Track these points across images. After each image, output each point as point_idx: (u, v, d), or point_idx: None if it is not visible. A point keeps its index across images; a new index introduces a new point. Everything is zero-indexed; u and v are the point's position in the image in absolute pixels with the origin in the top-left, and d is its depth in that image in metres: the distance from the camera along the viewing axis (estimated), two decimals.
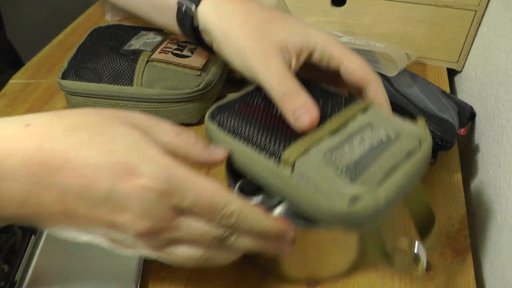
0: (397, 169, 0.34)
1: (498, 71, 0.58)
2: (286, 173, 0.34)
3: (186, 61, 0.58)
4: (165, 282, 0.45)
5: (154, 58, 0.58)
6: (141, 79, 0.57)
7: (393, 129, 0.38)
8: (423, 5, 0.68)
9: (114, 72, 0.58)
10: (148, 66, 0.57)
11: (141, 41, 0.62)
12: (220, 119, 0.39)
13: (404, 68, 0.61)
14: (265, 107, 0.40)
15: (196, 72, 0.57)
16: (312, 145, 0.35)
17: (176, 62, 0.57)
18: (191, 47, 0.61)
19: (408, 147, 0.36)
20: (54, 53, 0.73)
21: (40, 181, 0.29)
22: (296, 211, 0.38)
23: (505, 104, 0.53)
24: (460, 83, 0.74)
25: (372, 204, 0.32)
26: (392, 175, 0.34)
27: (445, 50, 0.72)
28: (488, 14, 0.65)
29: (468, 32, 0.69)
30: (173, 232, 0.32)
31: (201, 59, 0.59)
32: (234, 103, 0.41)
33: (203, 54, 0.60)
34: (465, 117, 0.57)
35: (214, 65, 0.60)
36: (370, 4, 0.70)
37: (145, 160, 0.30)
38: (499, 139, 0.53)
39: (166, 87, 0.57)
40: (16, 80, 0.68)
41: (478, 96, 0.63)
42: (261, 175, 0.37)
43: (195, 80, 0.58)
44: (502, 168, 0.51)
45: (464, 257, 0.47)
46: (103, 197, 0.29)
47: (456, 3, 0.66)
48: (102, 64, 0.59)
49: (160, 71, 0.57)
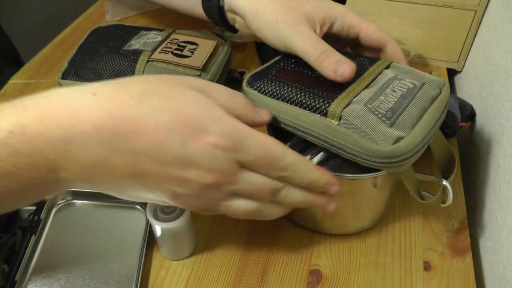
0: (425, 112, 0.41)
1: (498, 71, 0.58)
2: (334, 123, 0.40)
3: (186, 61, 0.58)
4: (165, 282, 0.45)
5: (154, 58, 0.57)
6: None
7: (417, 79, 0.44)
8: (423, 5, 0.68)
9: (114, 72, 0.58)
10: (148, 66, 0.57)
11: (141, 41, 0.62)
12: (260, 85, 0.44)
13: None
14: (298, 71, 0.46)
15: (196, 72, 0.57)
16: (352, 98, 0.41)
17: (176, 62, 0.57)
18: (191, 47, 0.61)
19: (431, 94, 0.43)
20: (54, 53, 0.73)
21: (113, 146, 0.31)
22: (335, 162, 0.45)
23: (505, 104, 0.53)
24: (460, 83, 0.74)
25: (411, 143, 0.38)
26: (422, 117, 0.41)
27: (445, 50, 0.72)
28: (488, 14, 0.65)
29: (468, 32, 0.69)
30: (234, 185, 0.35)
31: (201, 59, 0.59)
32: (268, 70, 0.46)
33: (203, 54, 0.60)
34: (466, 114, 0.57)
35: (214, 65, 0.60)
36: (370, 4, 0.70)
37: (213, 121, 0.33)
38: (499, 139, 0.53)
39: None
40: (16, 80, 0.68)
41: (478, 96, 0.63)
42: (310, 129, 0.42)
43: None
44: (502, 168, 0.51)
45: (464, 257, 0.47)
46: (175, 156, 0.32)
47: (456, 3, 0.66)
48: (102, 64, 0.58)
49: (160, 71, 0.57)
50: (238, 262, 0.47)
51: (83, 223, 0.49)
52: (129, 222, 0.49)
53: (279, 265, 0.46)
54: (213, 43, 0.61)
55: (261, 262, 0.47)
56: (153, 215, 0.43)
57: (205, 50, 0.60)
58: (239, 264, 0.46)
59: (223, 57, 0.62)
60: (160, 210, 0.43)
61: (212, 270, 0.46)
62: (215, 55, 0.61)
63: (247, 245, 0.48)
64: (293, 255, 0.47)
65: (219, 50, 0.62)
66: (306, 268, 0.46)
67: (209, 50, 0.59)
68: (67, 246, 0.46)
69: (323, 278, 0.45)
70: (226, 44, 0.64)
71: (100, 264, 0.45)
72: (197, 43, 0.61)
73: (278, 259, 0.47)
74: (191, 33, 0.64)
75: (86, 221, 0.49)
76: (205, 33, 0.65)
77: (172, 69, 0.57)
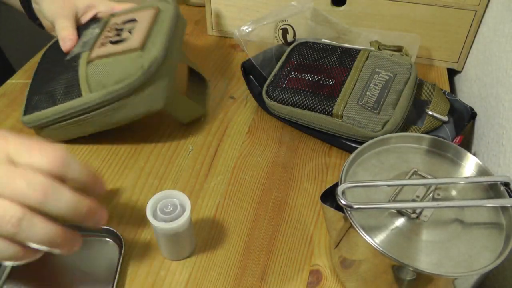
0: (401, 94, 0.54)
1: (498, 71, 0.58)
2: (338, 120, 0.55)
3: (124, 45, 0.52)
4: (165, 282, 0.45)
5: (92, 57, 0.52)
6: (88, 85, 0.51)
7: (391, 70, 0.56)
8: (423, 5, 0.68)
9: (63, 87, 0.53)
10: (90, 68, 0.51)
11: (80, 42, 0.57)
12: (276, 97, 0.58)
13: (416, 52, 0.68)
14: (302, 78, 0.59)
15: (138, 55, 0.50)
16: (347, 98, 0.55)
17: (114, 52, 0.51)
18: (130, 27, 0.54)
19: (404, 79, 0.55)
20: None
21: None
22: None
23: (505, 104, 0.53)
24: (460, 83, 0.74)
25: (395, 122, 0.53)
26: (399, 100, 0.54)
27: (445, 50, 0.72)
28: (488, 14, 0.65)
29: (468, 32, 0.69)
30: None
31: (140, 36, 0.52)
32: (279, 79, 0.60)
33: (142, 30, 0.53)
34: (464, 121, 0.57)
35: (157, 38, 0.52)
36: (370, 4, 0.70)
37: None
38: (499, 139, 0.53)
39: (115, 83, 0.51)
40: (16, 80, 0.68)
41: (478, 96, 0.63)
42: (322, 125, 0.57)
43: (137, 62, 0.50)
44: (502, 168, 0.51)
45: None
46: None
47: (456, 3, 0.66)
48: (52, 84, 0.54)
49: (104, 67, 0.51)
50: (238, 262, 0.47)
51: (52, 257, 0.43)
52: (100, 256, 0.46)
53: (279, 265, 0.46)
54: (151, 13, 0.54)
55: (261, 262, 0.47)
56: (153, 215, 0.42)
57: (143, 24, 0.54)
58: (239, 264, 0.46)
59: (168, 25, 0.54)
60: (160, 210, 0.43)
61: (212, 270, 0.46)
62: (156, 26, 0.54)
63: (247, 245, 0.48)
64: (293, 255, 0.47)
65: (162, 18, 0.55)
66: (306, 268, 0.46)
67: (148, 23, 0.53)
68: (34, 281, 0.44)
69: (323, 278, 0.45)
70: (170, 7, 0.57)
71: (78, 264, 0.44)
72: (135, 18, 0.55)
73: (278, 259, 0.47)
74: (130, 9, 0.59)
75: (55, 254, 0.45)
76: (146, 1, 0.59)
77: (112, 61, 0.51)
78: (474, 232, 0.38)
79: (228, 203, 0.52)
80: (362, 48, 0.60)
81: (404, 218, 0.39)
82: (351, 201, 0.37)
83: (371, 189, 0.41)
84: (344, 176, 0.41)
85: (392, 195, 0.40)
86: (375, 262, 0.38)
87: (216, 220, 0.50)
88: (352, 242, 0.39)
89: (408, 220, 0.38)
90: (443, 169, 0.43)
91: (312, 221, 0.51)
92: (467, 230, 0.38)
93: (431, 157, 0.44)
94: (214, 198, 0.53)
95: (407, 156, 0.44)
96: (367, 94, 0.55)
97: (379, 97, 0.54)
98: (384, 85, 0.55)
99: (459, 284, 0.37)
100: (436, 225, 0.38)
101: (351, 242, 0.39)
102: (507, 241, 0.37)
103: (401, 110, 0.53)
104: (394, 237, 0.38)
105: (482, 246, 0.37)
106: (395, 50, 0.59)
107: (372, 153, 0.44)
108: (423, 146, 0.45)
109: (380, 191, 0.41)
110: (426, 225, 0.38)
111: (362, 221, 0.37)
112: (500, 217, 0.39)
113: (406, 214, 0.39)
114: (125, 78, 0.50)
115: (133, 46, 0.51)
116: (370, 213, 0.39)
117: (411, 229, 0.38)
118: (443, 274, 0.35)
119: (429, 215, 0.38)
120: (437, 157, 0.45)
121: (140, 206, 0.51)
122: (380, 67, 0.57)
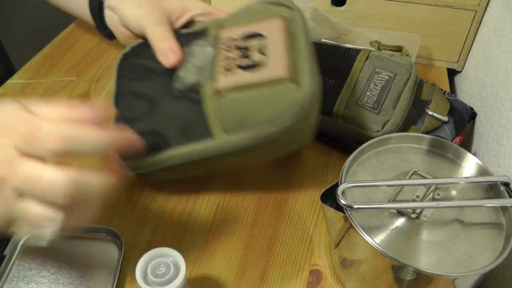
0: (401, 94, 0.54)
1: (498, 71, 0.58)
2: (339, 120, 0.55)
3: (264, 74, 0.41)
4: None
5: (222, 88, 0.41)
6: (222, 125, 0.42)
7: (391, 70, 0.55)
8: (423, 5, 0.68)
9: (179, 125, 0.43)
10: (224, 104, 0.41)
11: (189, 67, 0.46)
12: None
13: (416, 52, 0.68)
14: None
15: (288, 87, 0.40)
16: (347, 98, 0.54)
17: (253, 82, 0.41)
18: (258, 44, 0.43)
19: (404, 79, 0.55)
20: (54, 53, 0.73)
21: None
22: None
23: (505, 104, 0.53)
24: (460, 83, 0.74)
25: (395, 122, 0.53)
26: (399, 99, 0.53)
27: (445, 50, 0.72)
28: (488, 14, 0.65)
29: (468, 32, 0.69)
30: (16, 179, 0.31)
31: (283, 61, 0.41)
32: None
33: (281, 49, 0.42)
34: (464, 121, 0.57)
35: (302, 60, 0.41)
36: (370, 4, 0.70)
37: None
38: (499, 139, 0.53)
39: (262, 122, 0.41)
40: (16, 80, 0.68)
41: (478, 96, 0.63)
42: (320, 125, 0.48)
43: (290, 97, 0.40)
44: (502, 168, 0.51)
45: None
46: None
47: (456, 3, 0.66)
48: (160, 119, 0.44)
49: (243, 103, 0.41)
50: (238, 262, 0.47)
51: (51, 258, 0.45)
52: (100, 256, 0.46)
53: (279, 265, 0.46)
54: (279, 25, 0.43)
55: (261, 262, 0.47)
56: (143, 279, 0.37)
57: (278, 43, 0.42)
58: (239, 264, 0.46)
59: (305, 42, 0.43)
60: (151, 272, 0.37)
61: (212, 270, 0.46)
62: (293, 44, 0.43)
63: (247, 245, 0.48)
64: (293, 255, 0.47)
65: (294, 31, 0.44)
66: (306, 268, 0.46)
67: (283, 41, 0.42)
68: (34, 283, 0.44)
69: (323, 278, 0.45)
70: (297, 16, 0.45)
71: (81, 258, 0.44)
72: (260, 33, 0.44)
73: (278, 259, 0.47)
74: (240, 17, 0.47)
75: (54, 256, 0.45)
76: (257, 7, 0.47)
77: (254, 95, 0.41)
78: (474, 232, 0.38)
79: (228, 203, 0.52)
80: (362, 48, 0.60)
81: (404, 218, 0.39)
82: (351, 201, 0.37)
83: (371, 189, 0.41)
84: (344, 176, 0.41)
85: (392, 195, 0.40)
86: (375, 262, 0.38)
87: (216, 220, 0.50)
88: (352, 242, 0.39)
89: (408, 220, 0.39)
90: (443, 169, 0.43)
91: (312, 221, 0.51)
92: (467, 230, 0.38)
93: (431, 157, 0.45)
94: (214, 198, 0.53)
95: (407, 156, 0.44)
96: (367, 94, 0.55)
97: (379, 97, 0.54)
98: (384, 85, 0.55)
99: (459, 284, 0.37)
100: (436, 225, 0.38)
101: (351, 242, 0.39)
102: (507, 241, 0.37)
103: (401, 110, 0.54)
104: (394, 237, 0.38)
105: (482, 246, 0.37)
106: (395, 50, 0.59)
107: (372, 153, 0.44)
108: (423, 146, 0.45)
109: (380, 191, 0.41)
110: (426, 225, 0.38)
111: (362, 221, 0.37)
112: (500, 217, 0.39)
113: (406, 214, 0.39)
114: (276, 117, 0.40)
115: (279, 75, 0.41)
116: (370, 213, 0.39)
117: (411, 229, 0.38)
118: (443, 274, 0.35)
119: (429, 215, 0.39)
120: (437, 157, 0.45)
121: (140, 206, 0.51)
122: (380, 67, 0.57)
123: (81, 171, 0.32)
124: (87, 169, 0.33)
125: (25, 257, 0.45)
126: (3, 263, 0.44)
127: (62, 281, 0.44)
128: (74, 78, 0.68)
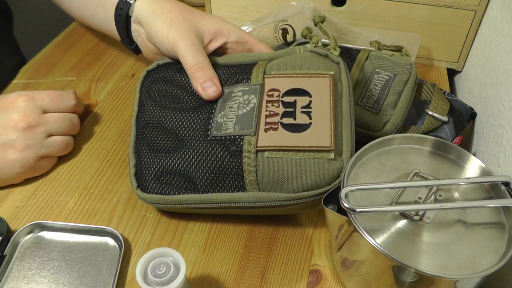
0: (401, 94, 0.54)
1: (498, 71, 0.58)
2: None
3: (307, 136, 0.40)
4: None
5: (263, 146, 0.41)
6: (257, 181, 0.42)
7: (391, 70, 0.55)
8: (423, 5, 0.68)
9: (212, 173, 0.42)
10: (262, 162, 0.41)
11: (228, 112, 0.43)
12: None
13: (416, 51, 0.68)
14: None
15: (329, 159, 0.41)
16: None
17: (295, 146, 0.40)
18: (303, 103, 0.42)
19: (404, 79, 0.54)
20: (54, 53, 0.73)
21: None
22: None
23: (505, 104, 0.53)
24: (460, 83, 0.74)
25: (395, 122, 0.52)
26: (399, 100, 0.53)
27: (445, 50, 0.72)
28: (488, 14, 0.65)
29: (468, 32, 0.69)
30: (45, 125, 0.50)
31: (327, 130, 0.41)
32: None
33: (327, 117, 0.41)
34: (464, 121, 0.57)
35: (347, 132, 0.42)
36: (370, 4, 0.70)
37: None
38: (499, 139, 0.53)
39: (294, 189, 0.42)
40: (16, 80, 0.68)
41: (478, 96, 0.63)
42: None
43: (330, 169, 0.41)
44: (502, 168, 0.51)
45: None
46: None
47: (456, 3, 0.66)
48: (188, 161, 0.43)
49: (279, 165, 0.41)
50: (238, 262, 0.47)
51: (51, 259, 0.46)
52: (100, 256, 0.46)
53: (279, 265, 0.46)
54: (327, 87, 0.42)
55: (261, 262, 0.47)
56: (143, 279, 0.37)
57: (324, 110, 0.42)
58: (239, 264, 0.46)
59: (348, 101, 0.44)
60: (151, 272, 0.37)
61: (212, 270, 0.46)
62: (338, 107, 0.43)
63: (247, 245, 0.48)
64: (293, 255, 0.47)
65: (340, 94, 0.44)
66: (306, 268, 0.46)
67: (330, 108, 0.42)
68: (34, 283, 0.44)
69: (323, 278, 0.45)
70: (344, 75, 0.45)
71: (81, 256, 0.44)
72: (307, 90, 0.43)
73: (278, 259, 0.47)
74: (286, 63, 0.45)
75: (54, 256, 0.46)
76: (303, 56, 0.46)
77: (294, 160, 0.40)
78: (477, 233, 0.38)
79: None
80: (362, 48, 0.60)
81: (406, 220, 0.39)
82: (353, 203, 0.37)
83: (373, 191, 0.41)
84: (346, 179, 0.41)
85: (394, 197, 0.40)
86: (377, 263, 0.38)
87: (216, 220, 0.50)
88: (355, 244, 0.39)
89: (410, 222, 0.38)
90: (444, 170, 0.43)
91: (312, 221, 0.51)
92: (470, 231, 0.38)
93: (432, 158, 0.44)
94: None
95: (408, 157, 0.44)
96: (366, 94, 0.55)
97: (379, 97, 0.54)
98: (384, 85, 0.55)
99: (462, 286, 0.37)
100: (439, 227, 0.38)
101: (354, 244, 0.39)
102: (510, 241, 0.37)
103: (401, 110, 0.54)
104: (396, 239, 0.38)
105: (485, 247, 0.37)
106: (395, 50, 0.59)
107: (373, 154, 0.44)
108: (424, 147, 0.45)
109: (382, 193, 0.41)
110: (429, 227, 0.38)
111: (364, 223, 0.37)
112: (501, 217, 0.39)
113: (409, 216, 0.38)
114: (313, 186, 0.41)
115: (322, 144, 0.40)
116: (372, 216, 0.39)
117: (414, 231, 0.38)
118: (447, 277, 0.35)
119: (431, 216, 0.38)
120: (438, 158, 0.45)
121: (140, 206, 0.51)
122: (380, 67, 0.57)
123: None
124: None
125: (25, 257, 0.45)
126: (3, 263, 0.44)
127: (62, 281, 0.44)
128: (74, 78, 0.68)
